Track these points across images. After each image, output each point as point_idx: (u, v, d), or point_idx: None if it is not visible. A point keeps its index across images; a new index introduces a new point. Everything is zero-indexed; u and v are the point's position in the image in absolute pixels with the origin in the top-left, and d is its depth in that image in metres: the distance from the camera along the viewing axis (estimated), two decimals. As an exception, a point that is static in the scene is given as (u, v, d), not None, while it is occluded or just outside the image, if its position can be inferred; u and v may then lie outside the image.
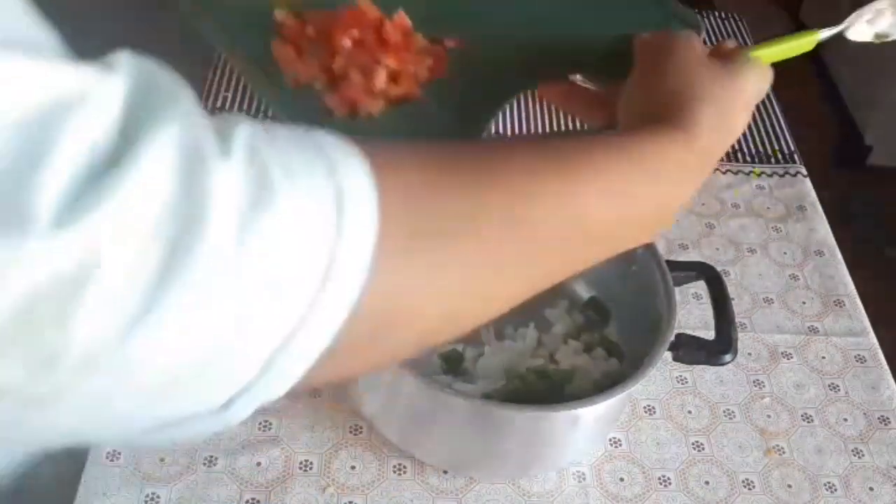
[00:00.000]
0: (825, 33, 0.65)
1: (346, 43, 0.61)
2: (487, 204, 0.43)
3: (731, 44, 0.62)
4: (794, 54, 0.65)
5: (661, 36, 0.60)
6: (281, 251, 0.31)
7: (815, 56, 2.84)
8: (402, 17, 0.63)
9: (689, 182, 0.55)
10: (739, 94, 0.57)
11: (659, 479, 0.83)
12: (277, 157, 0.32)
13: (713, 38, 1.39)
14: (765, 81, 0.60)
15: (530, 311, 0.90)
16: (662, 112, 0.54)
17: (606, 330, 0.89)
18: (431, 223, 0.40)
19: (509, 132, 1.16)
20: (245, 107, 1.16)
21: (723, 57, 0.59)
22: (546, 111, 1.20)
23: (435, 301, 0.40)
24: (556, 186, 0.46)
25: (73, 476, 0.79)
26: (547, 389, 0.81)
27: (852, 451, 0.87)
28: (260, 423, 0.82)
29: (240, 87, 1.18)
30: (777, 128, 1.24)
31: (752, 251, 1.06)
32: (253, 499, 0.77)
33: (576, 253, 0.50)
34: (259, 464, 0.79)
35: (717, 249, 1.06)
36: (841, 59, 2.71)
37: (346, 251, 0.33)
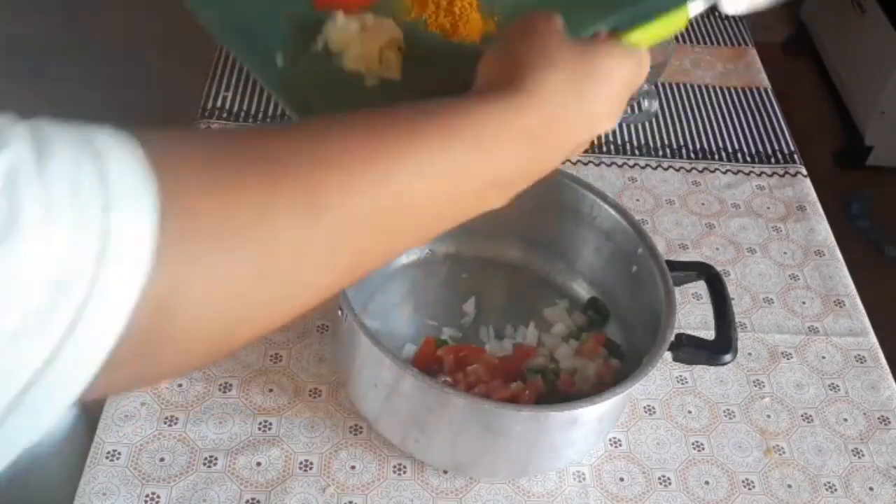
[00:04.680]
0: (695, 8, 0.61)
1: None
2: (278, 200, 0.39)
3: (604, 34, 0.59)
4: (669, 33, 0.62)
5: (525, 15, 0.57)
6: (30, 280, 0.31)
7: (815, 56, 2.83)
8: None
9: (536, 150, 0.52)
10: (600, 73, 0.54)
11: (659, 479, 0.83)
12: (35, 189, 0.32)
13: (713, 39, 1.39)
14: (637, 66, 0.57)
15: (530, 311, 0.90)
16: (511, 76, 0.52)
17: (606, 330, 0.89)
18: (213, 226, 0.37)
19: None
20: (245, 106, 1.16)
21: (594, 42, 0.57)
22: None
23: (216, 313, 0.38)
24: (362, 170, 0.43)
25: (73, 476, 0.79)
26: (547, 389, 0.81)
27: (852, 451, 0.87)
28: (260, 423, 0.82)
29: (240, 88, 1.18)
30: (777, 128, 1.24)
31: (752, 251, 1.06)
32: (253, 499, 0.77)
33: (396, 236, 0.47)
34: (259, 464, 0.79)
35: (717, 249, 1.06)
36: (841, 60, 2.71)
37: (110, 276, 0.33)
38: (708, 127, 1.23)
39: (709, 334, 0.80)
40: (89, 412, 0.87)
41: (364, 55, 0.63)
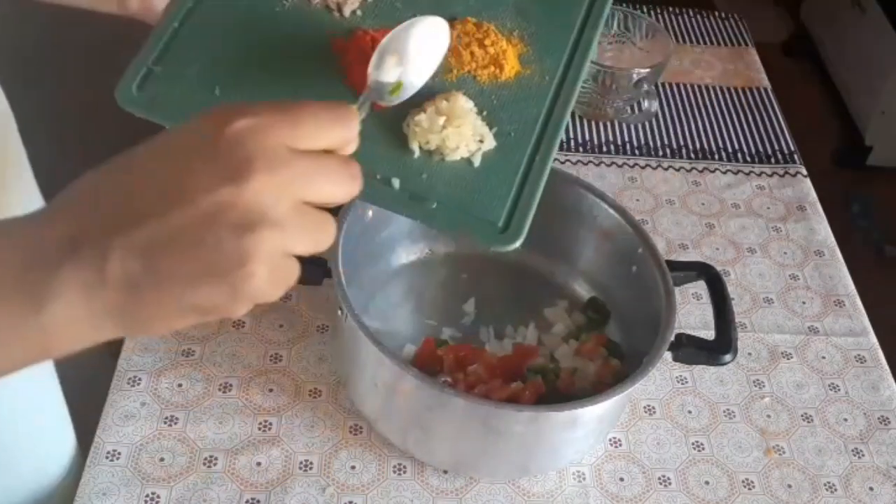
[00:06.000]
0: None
1: None
2: None
3: None
4: None
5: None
6: None
7: (815, 56, 2.83)
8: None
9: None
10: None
11: (659, 479, 0.83)
12: None
13: (713, 39, 1.39)
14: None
15: (530, 311, 0.90)
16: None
17: (606, 330, 0.89)
18: None
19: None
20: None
21: None
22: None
23: None
24: None
25: (73, 476, 0.79)
26: (547, 389, 0.81)
27: (852, 451, 0.87)
28: (260, 423, 0.82)
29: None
30: (777, 128, 1.24)
31: (752, 251, 1.06)
32: (253, 499, 0.77)
33: None
34: (259, 464, 0.79)
35: (717, 249, 1.06)
36: (841, 60, 2.71)
37: None
38: (708, 127, 1.23)
39: (709, 334, 0.80)
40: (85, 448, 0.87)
41: (464, 142, 0.64)
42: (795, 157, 1.20)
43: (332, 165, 0.44)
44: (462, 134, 0.63)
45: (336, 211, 0.45)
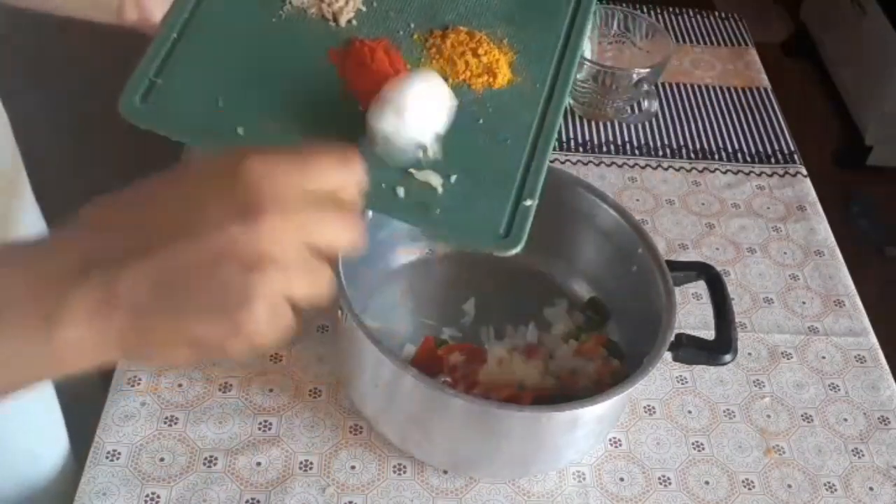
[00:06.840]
0: None
1: None
2: None
3: None
4: None
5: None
6: None
7: (815, 56, 2.83)
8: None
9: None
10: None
11: (659, 479, 0.83)
12: None
13: (713, 39, 1.39)
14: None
15: (530, 311, 0.90)
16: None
17: (606, 330, 0.89)
18: None
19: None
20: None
21: None
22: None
23: None
24: None
25: (73, 476, 0.79)
26: (547, 389, 0.81)
27: (852, 451, 0.87)
28: (260, 423, 0.82)
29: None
30: (777, 128, 1.24)
31: (752, 251, 1.06)
32: (253, 499, 0.77)
33: None
34: (259, 464, 0.79)
35: (717, 249, 1.06)
36: (841, 59, 2.71)
37: None
38: (708, 127, 1.23)
39: (709, 334, 0.80)
40: (79, 449, 0.87)
41: None
42: (795, 157, 1.20)
43: (336, 214, 0.46)
44: None
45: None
